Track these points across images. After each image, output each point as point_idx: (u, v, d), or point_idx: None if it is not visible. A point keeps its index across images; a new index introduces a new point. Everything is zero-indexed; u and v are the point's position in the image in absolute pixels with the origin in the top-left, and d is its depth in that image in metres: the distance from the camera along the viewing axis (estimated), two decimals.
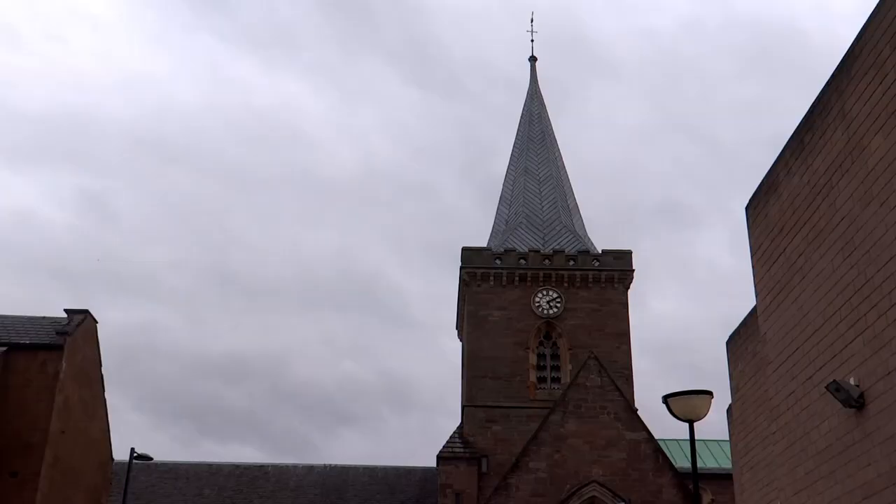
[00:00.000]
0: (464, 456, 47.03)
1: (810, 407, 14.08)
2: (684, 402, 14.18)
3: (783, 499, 15.60)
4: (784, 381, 15.14)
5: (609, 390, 42.67)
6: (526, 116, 61.53)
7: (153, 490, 50.12)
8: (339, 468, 52.64)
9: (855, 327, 12.69)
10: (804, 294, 14.38)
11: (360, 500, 50.16)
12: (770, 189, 15.96)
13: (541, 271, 51.26)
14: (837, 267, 13.25)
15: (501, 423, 48.13)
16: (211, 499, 50.14)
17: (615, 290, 51.40)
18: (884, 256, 11.94)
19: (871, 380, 12.22)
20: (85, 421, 29.10)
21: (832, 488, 13.28)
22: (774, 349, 15.63)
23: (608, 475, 40.97)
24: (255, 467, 53.24)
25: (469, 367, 50.35)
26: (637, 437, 41.83)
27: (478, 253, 52.21)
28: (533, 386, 49.36)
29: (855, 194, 12.78)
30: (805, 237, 14.39)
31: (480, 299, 51.21)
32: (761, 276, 16.23)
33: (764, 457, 20.70)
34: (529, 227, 54.95)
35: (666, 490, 40.94)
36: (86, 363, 28.98)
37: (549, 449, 41.71)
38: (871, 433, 12.20)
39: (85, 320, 28.78)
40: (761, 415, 20.52)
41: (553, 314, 50.73)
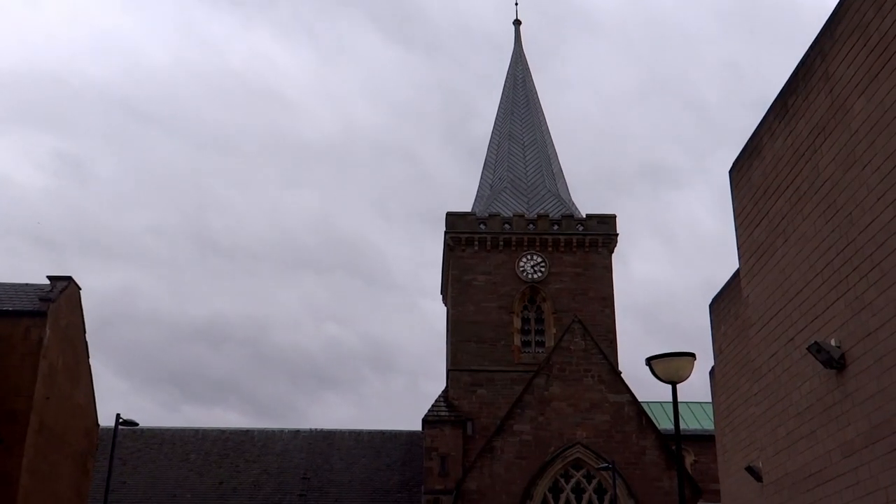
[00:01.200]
0: (449, 419, 47.34)
1: (792, 368, 14.22)
2: (667, 364, 14.30)
3: (764, 458, 15.79)
4: (766, 342, 15.27)
5: (593, 353, 42.96)
6: (510, 81, 61.26)
7: (139, 455, 50.28)
8: (324, 432, 52.92)
9: (836, 289, 12.79)
10: (786, 257, 14.47)
11: (345, 464, 50.49)
12: (754, 152, 15.99)
13: (525, 236, 51.35)
14: (820, 229, 13.32)
15: (486, 386, 48.44)
16: (197, 464, 50.35)
17: (599, 255, 51.57)
18: (866, 218, 12.01)
19: (852, 341, 12.35)
20: (70, 387, 29.08)
21: (813, 447, 13.45)
22: (757, 311, 15.75)
23: (592, 437, 41.35)
24: (240, 432, 53.45)
25: (454, 332, 50.53)
26: (621, 400, 42.19)
27: (462, 218, 52.21)
28: (517, 350, 49.63)
29: (838, 157, 12.82)
30: (788, 200, 14.44)
31: (465, 264, 51.29)
32: (744, 239, 16.31)
33: (745, 417, 20.94)
34: (514, 191, 54.94)
35: (649, 451, 41.37)
36: (70, 329, 28.90)
37: (533, 412, 42.02)
38: (852, 393, 12.34)
39: (68, 287, 28.67)
40: (743, 376, 20.74)
41: (537, 278, 50.90)
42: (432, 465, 46.63)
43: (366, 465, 50.44)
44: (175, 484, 48.88)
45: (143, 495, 47.97)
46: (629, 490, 40.29)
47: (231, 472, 49.79)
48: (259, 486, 48.94)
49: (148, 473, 49.38)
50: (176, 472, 49.62)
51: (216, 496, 48.20)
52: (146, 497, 47.87)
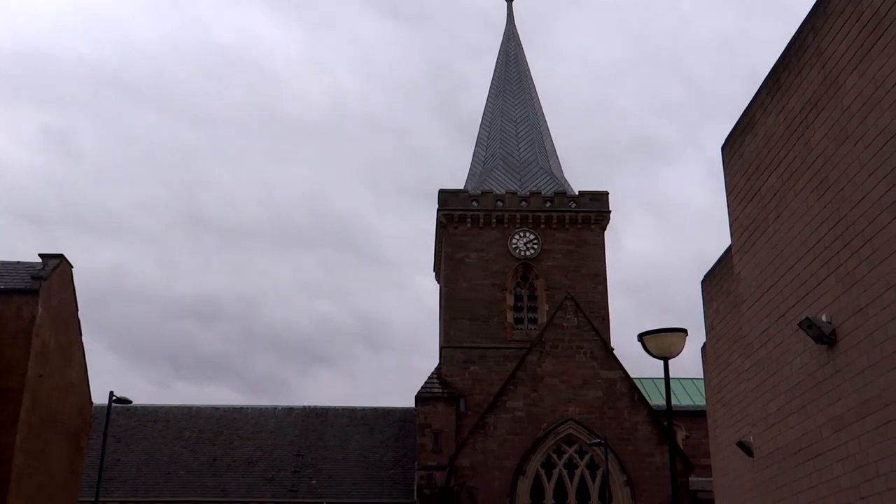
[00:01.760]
0: (442, 396, 47.51)
1: (783, 344, 14.28)
2: (659, 339, 14.34)
3: (755, 433, 15.89)
4: (758, 318, 15.33)
5: (585, 330, 43.09)
6: (502, 57, 61.04)
7: (133, 433, 50.39)
8: (318, 409, 53.07)
9: (828, 265, 12.83)
10: (778, 233, 14.49)
11: (339, 441, 50.68)
12: (746, 128, 15.97)
13: (518, 213, 51.35)
14: (811, 205, 13.34)
15: (479, 363, 48.59)
16: (191, 441, 50.49)
17: (592, 232, 51.62)
18: (857, 195, 12.03)
19: (843, 317, 12.40)
20: (63, 365, 29.07)
21: (803, 422, 13.54)
22: (748, 288, 15.79)
23: (584, 413, 41.55)
24: (234, 409, 53.57)
25: (447, 309, 50.62)
26: (613, 376, 42.37)
27: (455, 195, 52.16)
28: (510, 327, 49.75)
29: (830, 133, 12.82)
30: (780, 176, 14.45)
31: (458, 241, 51.31)
32: (736, 216, 16.33)
33: (737, 393, 21.05)
34: (506, 168, 54.88)
35: (641, 427, 41.60)
36: (62, 307, 28.86)
37: (526, 388, 42.19)
38: (842, 369, 12.41)
39: (60, 265, 28.60)
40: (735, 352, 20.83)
41: (530, 255, 50.95)
42: (425, 441, 46.84)
43: (359, 442, 50.64)
44: (169, 461, 49.03)
45: (138, 472, 48.12)
46: (621, 465, 40.55)
47: (225, 450, 49.96)
48: (253, 463, 49.13)
49: (142, 451, 49.50)
50: (170, 450, 49.77)
51: (210, 473, 48.38)
52: (140, 474, 48.03)
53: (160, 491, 47.04)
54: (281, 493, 47.03)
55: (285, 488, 47.39)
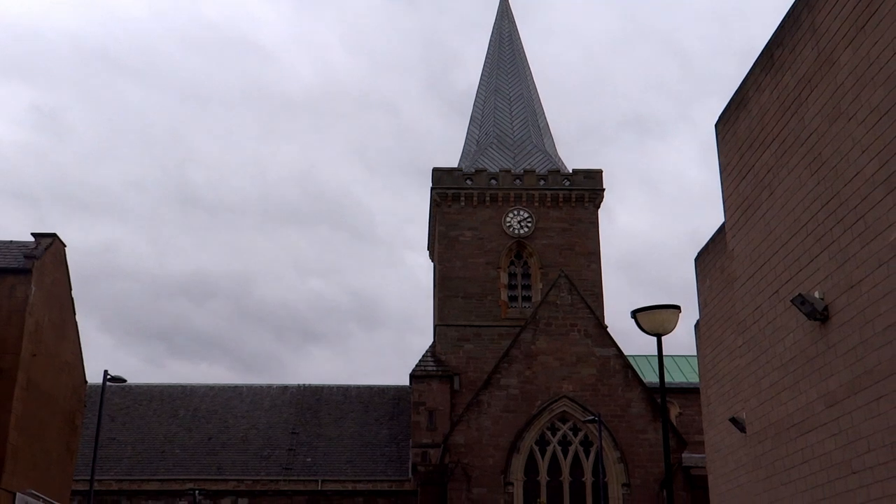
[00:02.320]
0: (436, 374, 47.65)
1: (776, 320, 14.34)
2: (653, 316, 14.39)
3: (748, 409, 15.98)
4: (751, 295, 15.38)
5: (579, 308, 43.16)
6: (496, 34, 60.78)
7: (128, 412, 50.47)
8: (312, 387, 53.19)
9: (821, 241, 12.86)
10: (772, 210, 14.51)
11: (334, 419, 50.83)
12: (740, 105, 15.96)
13: (512, 191, 51.32)
14: (805, 182, 13.36)
15: (473, 341, 48.70)
16: (186, 420, 50.59)
17: (585, 210, 51.64)
18: (850, 171, 12.04)
19: (836, 293, 12.44)
20: (56, 344, 29.06)
21: (796, 398, 13.61)
22: (742, 265, 15.83)
23: (578, 391, 41.69)
24: (229, 388, 53.64)
25: (441, 287, 50.67)
26: (607, 354, 42.49)
27: (449, 173, 52.08)
28: (504, 305, 49.83)
29: (823, 110, 12.81)
30: (774, 153, 14.45)
31: (451, 220, 51.29)
32: (730, 193, 16.35)
33: (730, 370, 21.13)
34: (500, 147, 54.79)
35: (635, 404, 41.77)
36: (55, 287, 28.81)
37: (520, 366, 42.30)
38: (835, 345, 12.47)
39: (53, 244, 28.52)
40: (728, 329, 20.89)
41: (524, 234, 50.97)
42: (420, 419, 47.02)
43: (354, 420, 50.80)
44: (164, 440, 49.15)
45: (133, 451, 48.24)
46: (615, 442, 40.74)
47: (220, 428, 50.08)
48: (248, 441, 49.27)
49: (137, 430, 49.60)
50: (165, 428, 49.88)
51: (205, 451, 48.52)
52: (136, 453, 48.15)
53: (155, 469, 47.19)
54: (276, 471, 47.20)
55: (280, 466, 47.58)
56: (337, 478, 46.64)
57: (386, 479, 46.66)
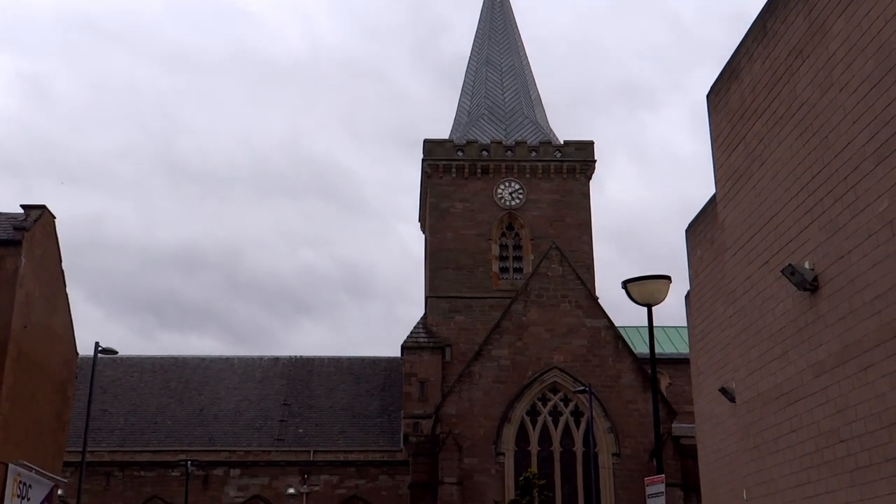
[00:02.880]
0: (428, 345, 47.80)
1: (766, 291, 14.38)
2: (643, 287, 14.42)
3: (737, 379, 16.07)
4: (741, 266, 15.41)
5: (570, 279, 43.25)
6: (487, 4, 60.38)
7: (119, 384, 50.52)
8: (304, 359, 53.29)
9: (811, 212, 12.88)
10: (763, 181, 14.52)
11: (325, 390, 50.99)
12: (731, 76, 15.91)
13: (503, 163, 51.25)
14: (796, 153, 13.35)
15: (464, 313, 48.82)
16: (178, 391, 50.68)
17: (577, 181, 51.62)
18: (841, 142, 12.04)
19: (826, 263, 12.48)
20: (47, 316, 29.01)
21: (785, 368, 13.69)
22: (732, 235, 15.85)
23: (569, 361, 41.87)
24: (220, 360, 53.70)
25: (432, 259, 50.69)
26: (597, 325, 42.64)
27: (440, 145, 51.95)
28: (496, 276, 49.91)
29: (815, 80, 12.78)
30: (765, 124, 14.43)
31: (443, 191, 51.22)
32: (721, 164, 16.33)
33: (720, 340, 21.23)
34: (491, 118, 54.64)
35: (625, 375, 41.99)
36: (45, 258, 28.71)
37: (511, 337, 42.43)
38: (824, 315, 12.52)
39: (42, 215, 28.38)
40: (718, 300, 20.96)
41: (515, 205, 50.96)
42: (411, 390, 47.22)
43: (346, 391, 50.97)
44: (156, 411, 49.26)
45: (125, 422, 48.36)
46: (605, 412, 40.99)
47: (212, 400, 50.20)
48: (240, 412, 49.42)
49: (129, 401, 49.69)
50: (157, 400, 49.97)
51: (197, 423, 48.67)
52: (128, 424, 48.27)
53: (147, 440, 47.34)
54: (268, 442, 47.40)
55: (272, 437, 47.77)
56: (329, 448, 46.87)
57: (378, 450, 46.91)
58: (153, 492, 44.55)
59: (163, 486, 44.51)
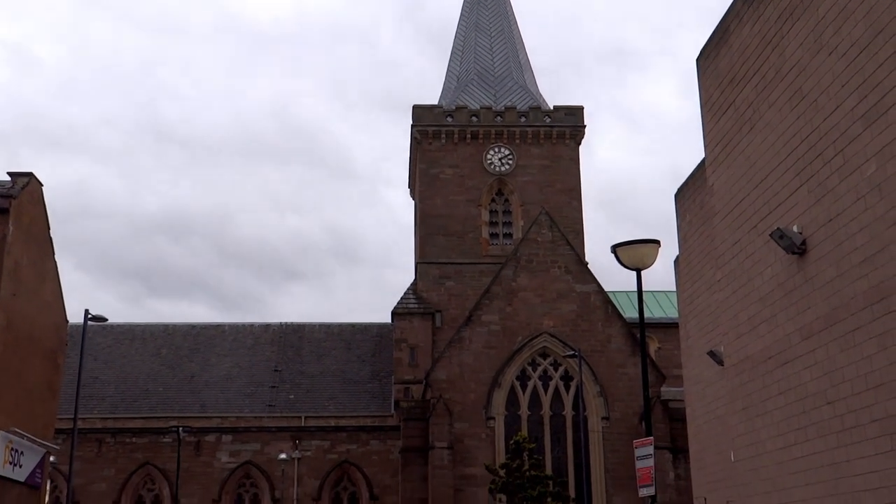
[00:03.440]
0: (418, 311, 47.91)
1: (755, 254, 14.46)
2: (632, 251, 14.46)
3: (726, 343, 16.19)
4: (730, 230, 15.47)
5: (560, 245, 43.32)
6: None
7: (110, 351, 50.52)
8: (295, 326, 53.35)
9: (800, 176, 12.91)
10: (752, 145, 14.53)
11: (316, 356, 51.11)
12: (721, 40, 15.87)
13: (493, 128, 51.09)
14: (785, 117, 13.36)
15: (455, 278, 48.89)
16: (168, 358, 50.73)
17: (566, 146, 51.53)
18: (830, 105, 12.05)
19: (814, 227, 12.53)
20: (36, 284, 28.93)
21: (773, 331, 13.79)
22: (721, 200, 15.89)
23: (559, 326, 42.05)
24: (211, 327, 53.72)
25: (422, 225, 50.67)
26: (587, 290, 42.78)
27: (429, 110, 51.72)
28: (485, 242, 49.95)
29: (805, 43, 12.76)
30: (755, 88, 14.43)
31: (432, 157, 51.08)
32: (710, 128, 16.34)
33: (708, 304, 21.35)
34: (481, 83, 54.38)
35: (614, 339, 42.21)
36: (33, 226, 28.58)
37: (501, 302, 42.56)
38: (812, 278, 12.60)
39: (30, 183, 28.20)
40: (707, 264, 21.06)
41: (505, 171, 50.88)
42: (402, 355, 47.39)
43: (336, 357, 51.10)
44: (147, 378, 49.33)
45: (116, 390, 48.43)
46: (595, 376, 41.25)
47: (203, 366, 50.28)
48: (231, 379, 49.53)
49: (119, 369, 49.73)
50: (148, 367, 50.02)
51: (189, 390, 48.78)
52: (118, 391, 48.35)
53: (139, 408, 47.45)
54: (259, 408, 47.57)
55: (263, 403, 47.94)
56: (320, 414, 47.07)
57: (369, 415, 47.13)
58: (145, 458, 44.79)
59: (155, 453, 44.74)
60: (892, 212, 10.64)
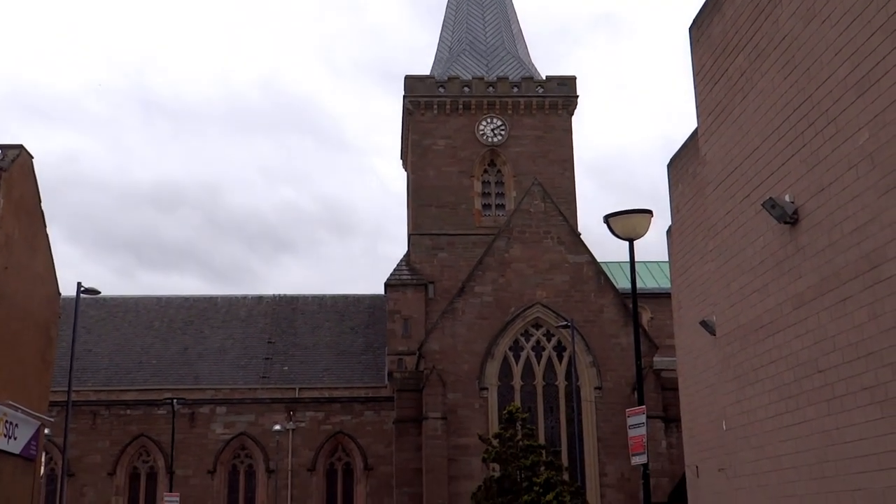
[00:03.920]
0: (411, 283, 47.96)
1: (747, 224, 14.47)
2: (625, 221, 14.47)
3: (718, 312, 16.24)
4: (722, 200, 15.47)
5: (553, 215, 43.31)
6: None
7: (103, 324, 50.53)
8: (288, 297, 53.40)
9: (792, 145, 12.90)
10: (745, 114, 14.50)
11: (310, 328, 51.21)
12: (714, 8, 15.79)
13: (485, 99, 50.89)
14: (778, 86, 13.32)
15: (447, 250, 48.90)
16: (161, 331, 50.77)
17: (559, 117, 51.38)
18: (823, 74, 12.02)
19: (806, 196, 12.54)
20: (28, 257, 28.86)
21: (765, 300, 13.83)
22: (714, 169, 15.88)
23: (552, 297, 42.14)
24: (204, 299, 53.72)
25: (414, 196, 50.60)
26: (580, 260, 42.84)
27: (421, 81, 51.48)
28: (478, 213, 49.93)
29: (798, 12, 12.70)
30: (747, 56, 14.37)
31: (424, 128, 50.92)
32: (703, 97, 16.29)
33: (701, 274, 21.41)
34: (473, 53, 54.10)
35: (607, 309, 42.34)
36: (24, 199, 28.45)
37: (494, 273, 42.61)
38: (804, 247, 12.62)
39: (20, 155, 28.05)
40: (699, 234, 21.09)
41: (497, 142, 50.76)
42: (395, 327, 47.49)
43: (330, 329, 51.22)
44: (141, 351, 49.39)
45: (110, 362, 48.49)
46: (587, 347, 41.41)
47: (196, 339, 50.35)
48: (225, 351, 49.62)
49: (113, 342, 49.77)
50: (141, 340, 50.07)
51: (182, 362, 48.87)
52: (112, 364, 48.41)
53: (133, 380, 47.54)
54: (253, 380, 47.71)
55: (257, 375, 48.07)
56: (314, 385, 47.25)
57: (362, 386, 47.34)
58: (140, 430, 44.96)
59: (149, 424, 44.91)
60: (884, 180, 10.64)
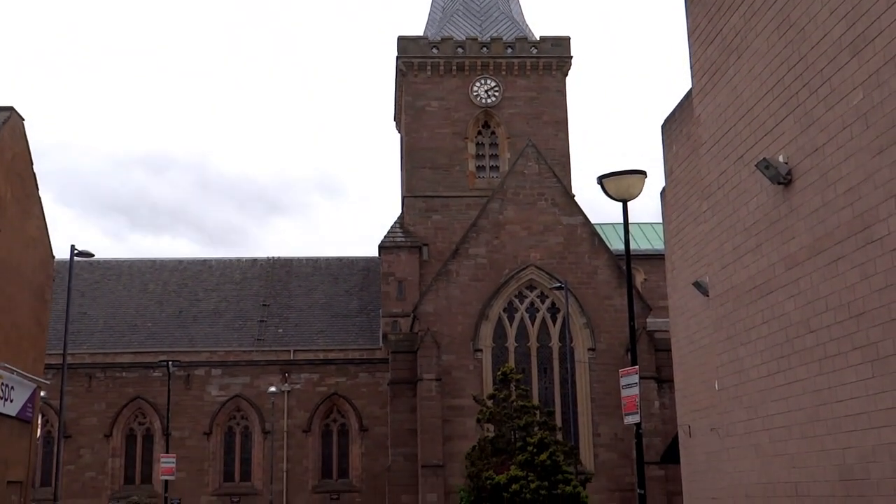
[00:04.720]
0: (405, 245, 47.97)
1: (740, 185, 14.48)
2: (619, 182, 14.44)
3: (711, 273, 16.29)
4: (716, 160, 15.46)
5: (547, 177, 43.25)
6: None
7: (97, 287, 50.52)
8: (282, 260, 53.39)
9: (787, 105, 12.87)
10: (739, 74, 14.45)
11: (304, 291, 51.27)
12: None
13: (479, 60, 50.57)
14: (773, 45, 13.26)
15: (441, 212, 48.86)
16: (156, 294, 50.79)
17: (553, 78, 51.10)
18: (818, 33, 11.96)
19: (800, 157, 12.54)
20: (21, 220, 28.75)
21: (758, 261, 13.88)
22: (708, 130, 15.85)
23: (545, 259, 42.20)
24: (198, 262, 53.70)
25: (408, 158, 50.44)
26: (574, 222, 42.85)
27: (414, 42, 51.09)
28: (472, 175, 49.82)
29: None
30: (742, 16, 14.29)
31: (418, 90, 50.62)
32: (697, 57, 16.21)
33: (694, 235, 21.45)
34: (467, 14, 53.67)
35: (601, 271, 42.43)
36: (16, 162, 28.28)
37: (488, 235, 42.63)
38: (797, 208, 12.65)
39: (11, 117, 27.84)
40: (693, 195, 21.09)
41: (491, 103, 50.52)
42: (389, 289, 47.58)
43: (324, 291, 51.27)
44: (135, 314, 49.43)
45: (104, 325, 48.55)
46: (581, 308, 41.54)
47: (191, 301, 50.39)
48: (219, 313, 49.69)
49: (107, 304, 49.79)
50: (136, 303, 50.10)
51: (177, 324, 48.95)
52: (107, 327, 48.47)
53: (128, 342, 47.63)
54: (248, 342, 47.84)
55: (252, 337, 48.19)
56: (309, 347, 47.40)
57: (357, 348, 47.49)
58: (135, 392, 45.15)
59: (145, 387, 45.09)
60: (878, 141, 10.64)
